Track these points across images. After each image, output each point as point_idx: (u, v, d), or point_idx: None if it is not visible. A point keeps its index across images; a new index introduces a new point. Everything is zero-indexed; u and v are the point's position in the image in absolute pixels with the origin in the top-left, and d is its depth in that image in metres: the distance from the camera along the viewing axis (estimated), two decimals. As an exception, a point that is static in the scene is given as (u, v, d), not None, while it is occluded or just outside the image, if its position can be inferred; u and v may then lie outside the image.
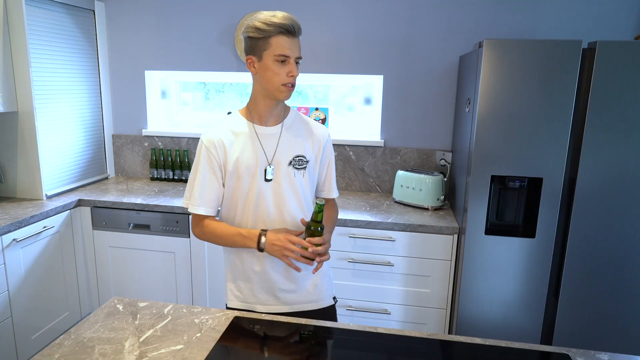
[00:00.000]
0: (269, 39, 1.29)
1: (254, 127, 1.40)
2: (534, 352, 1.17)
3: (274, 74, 1.31)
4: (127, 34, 3.01)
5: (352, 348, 1.17)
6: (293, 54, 1.31)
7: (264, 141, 1.39)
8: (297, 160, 1.41)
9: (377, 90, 2.88)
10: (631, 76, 1.87)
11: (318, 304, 1.49)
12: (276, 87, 1.33)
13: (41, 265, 2.37)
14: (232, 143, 1.38)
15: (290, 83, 1.33)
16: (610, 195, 1.98)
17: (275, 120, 1.42)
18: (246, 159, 1.37)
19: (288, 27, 1.29)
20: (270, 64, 1.30)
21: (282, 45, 1.29)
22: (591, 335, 2.11)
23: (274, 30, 1.28)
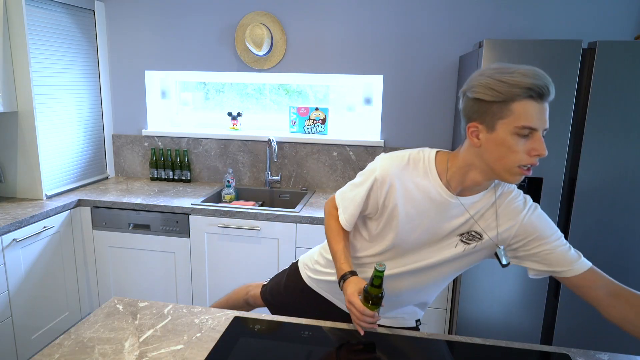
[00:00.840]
0: (510, 105, 0.98)
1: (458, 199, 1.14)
2: (534, 352, 1.17)
3: (509, 152, 1.00)
4: (127, 34, 3.01)
5: (352, 348, 1.17)
6: (542, 125, 0.99)
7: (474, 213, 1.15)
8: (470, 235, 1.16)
9: (377, 90, 2.88)
10: (631, 76, 1.87)
11: (396, 321, 1.39)
12: (508, 168, 1.02)
13: (41, 265, 2.37)
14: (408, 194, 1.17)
15: (533, 164, 1.01)
16: (610, 195, 1.98)
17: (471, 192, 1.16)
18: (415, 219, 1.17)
19: (541, 89, 0.96)
20: (509, 137, 0.99)
21: (529, 114, 0.97)
22: (591, 335, 2.11)
23: (521, 93, 0.97)
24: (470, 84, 1.04)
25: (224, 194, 2.82)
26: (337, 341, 1.20)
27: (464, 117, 1.08)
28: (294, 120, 2.99)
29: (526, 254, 1.16)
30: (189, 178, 3.06)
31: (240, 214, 2.41)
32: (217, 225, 2.44)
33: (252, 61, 2.86)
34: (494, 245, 1.17)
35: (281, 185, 3.00)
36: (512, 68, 0.99)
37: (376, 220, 1.24)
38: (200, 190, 2.85)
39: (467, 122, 1.07)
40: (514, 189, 1.18)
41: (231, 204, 2.60)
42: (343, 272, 1.21)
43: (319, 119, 2.95)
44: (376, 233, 1.25)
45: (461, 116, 1.09)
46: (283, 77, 2.96)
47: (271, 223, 2.39)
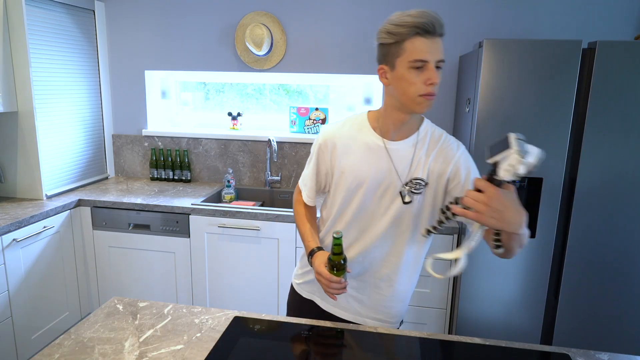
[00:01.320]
0: (402, 44, 1.10)
1: (383, 141, 1.25)
2: (534, 352, 1.17)
3: (409, 84, 1.12)
4: (127, 34, 3.01)
5: (352, 348, 1.17)
6: (433, 57, 1.10)
7: (395, 157, 1.24)
8: (414, 183, 1.24)
9: (377, 90, 2.88)
10: (631, 76, 1.87)
11: (381, 322, 1.38)
12: (412, 99, 1.14)
13: (41, 265, 2.37)
14: (347, 149, 1.27)
15: (429, 93, 1.12)
16: (610, 195, 1.98)
17: (405, 134, 1.25)
18: (360, 171, 1.25)
19: (426, 26, 1.08)
20: (406, 72, 1.11)
21: (418, 49, 1.09)
22: (591, 335, 2.11)
23: (409, 31, 1.08)
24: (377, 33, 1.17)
25: (224, 194, 2.82)
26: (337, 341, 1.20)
27: (377, 62, 1.21)
28: (294, 120, 2.99)
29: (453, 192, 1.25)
30: (189, 178, 3.06)
31: (240, 214, 2.41)
32: (217, 225, 2.44)
33: (252, 61, 2.86)
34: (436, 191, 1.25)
35: (281, 185, 3.00)
36: (405, 13, 1.11)
37: (333, 188, 1.33)
38: (200, 190, 2.85)
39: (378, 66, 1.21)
40: (444, 133, 1.29)
41: (231, 204, 2.60)
42: (310, 249, 1.31)
43: (319, 119, 2.95)
44: (337, 201, 1.31)
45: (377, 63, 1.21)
46: (283, 77, 2.96)
47: (271, 223, 2.39)
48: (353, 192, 1.27)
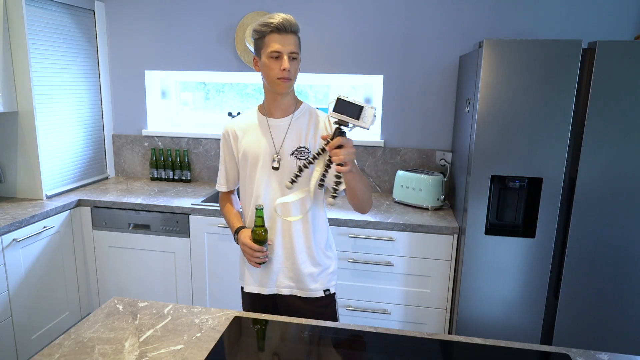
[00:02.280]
0: (264, 39, 1.40)
1: (266, 119, 1.51)
2: (534, 352, 1.17)
3: (269, 70, 1.41)
4: (127, 34, 3.01)
5: (352, 348, 1.17)
6: (285, 49, 1.38)
7: (274, 132, 1.50)
8: (299, 151, 1.48)
9: (377, 90, 2.88)
10: (631, 76, 1.87)
11: (303, 292, 1.55)
12: (272, 82, 1.42)
13: (41, 265, 2.37)
14: (244, 133, 1.53)
15: (284, 77, 1.39)
16: (610, 195, 1.98)
17: (284, 113, 1.51)
18: (254, 148, 1.50)
19: (278, 26, 1.37)
20: (266, 60, 1.40)
21: (274, 43, 1.38)
22: (591, 335, 2.11)
23: (267, 30, 1.39)
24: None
25: (224, 194, 2.81)
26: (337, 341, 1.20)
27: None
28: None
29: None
30: (189, 178, 3.06)
31: (240, 214, 2.41)
32: (217, 225, 2.44)
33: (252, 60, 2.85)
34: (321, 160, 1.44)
35: (281, 185, 3.00)
36: (269, 15, 1.39)
37: (242, 170, 1.55)
38: (201, 190, 2.85)
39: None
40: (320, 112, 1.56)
41: (231, 204, 2.60)
42: (235, 229, 1.56)
43: (319, 119, 2.94)
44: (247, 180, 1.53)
45: None
46: (283, 77, 2.95)
47: (271, 223, 2.39)
48: (255, 167, 1.50)
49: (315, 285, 1.55)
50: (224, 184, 1.66)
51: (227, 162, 1.62)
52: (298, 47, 1.43)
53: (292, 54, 1.40)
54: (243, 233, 1.51)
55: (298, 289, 1.55)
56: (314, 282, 1.55)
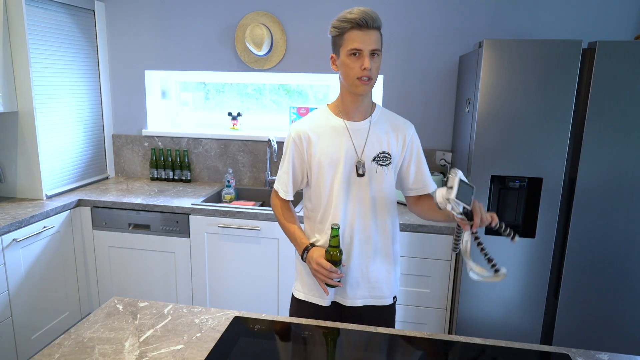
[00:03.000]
0: (343, 36, 1.31)
1: (344, 122, 1.42)
2: (534, 352, 1.17)
3: (348, 69, 1.32)
4: (127, 34, 3.01)
5: (352, 348, 1.17)
6: (366, 47, 1.29)
7: (354, 136, 1.41)
8: (381, 157, 1.41)
9: (377, 90, 2.87)
10: (631, 76, 1.87)
11: (377, 300, 1.49)
12: (352, 82, 1.33)
13: (41, 265, 2.37)
14: (319, 137, 1.42)
15: (365, 76, 1.31)
16: (610, 195, 1.98)
17: (362, 115, 1.43)
18: (334, 153, 1.40)
19: (359, 21, 1.29)
20: (346, 59, 1.32)
21: (353, 39, 1.29)
22: (591, 335, 2.11)
23: (347, 25, 1.30)
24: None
25: (224, 194, 2.82)
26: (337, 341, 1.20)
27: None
28: (294, 120, 2.99)
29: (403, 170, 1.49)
30: (189, 178, 3.06)
31: (240, 214, 2.41)
32: (217, 225, 2.44)
33: (252, 61, 2.86)
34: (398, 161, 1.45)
35: (281, 185, 3.00)
36: (348, 10, 1.31)
37: (314, 178, 1.44)
38: (200, 190, 2.85)
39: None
40: (397, 115, 1.50)
41: (231, 204, 2.60)
42: (304, 246, 1.43)
43: (319, 119, 2.94)
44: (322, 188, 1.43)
45: None
46: (283, 77, 2.96)
47: (271, 223, 2.39)
48: (333, 174, 1.40)
49: (388, 292, 1.50)
50: (290, 192, 1.49)
51: (296, 168, 1.46)
52: (380, 43, 1.33)
53: (374, 51, 1.31)
54: (315, 252, 1.38)
55: (372, 297, 1.48)
56: (388, 289, 1.50)
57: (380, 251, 1.47)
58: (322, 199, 1.44)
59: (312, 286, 1.49)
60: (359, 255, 1.45)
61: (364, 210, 1.43)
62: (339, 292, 1.48)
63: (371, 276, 1.47)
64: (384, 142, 1.42)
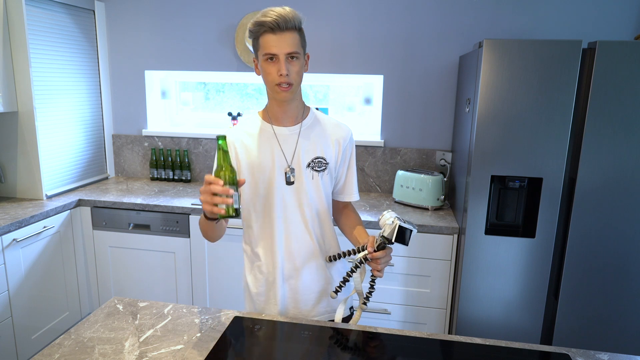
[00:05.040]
0: (258, 40, 1.23)
1: (272, 128, 1.34)
2: (534, 352, 1.17)
3: (266, 74, 1.24)
4: (127, 34, 3.01)
5: (352, 348, 1.17)
6: (280, 51, 1.20)
7: (283, 142, 1.33)
8: (316, 162, 1.34)
9: (377, 90, 2.88)
10: (631, 76, 1.87)
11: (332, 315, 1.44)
12: (272, 88, 1.26)
13: (41, 265, 2.37)
14: (248, 143, 1.34)
15: (284, 82, 1.22)
16: (610, 195, 1.98)
17: (293, 120, 1.35)
18: (262, 160, 1.32)
19: (271, 24, 1.18)
20: (263, 64, 1.24)
21: (268, 44, 1.20)
22: (591, 335, 2.11)
23: (260, 29, 1.21)
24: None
25: (224, 194, 2.81)
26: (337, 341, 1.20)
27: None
28: (294, 120, 2.99)
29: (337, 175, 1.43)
30: (189, 178, 3.06)
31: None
32: (217, 225, 2.44)
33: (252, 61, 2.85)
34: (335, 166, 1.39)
35: (281, 185, 3.00)
36: (266, 10, 1.21)
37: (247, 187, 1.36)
38: (200, 190, 2.85)
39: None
40: (333, 119, 1.43)
41: (231, 204, 2.59)
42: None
43: (319, 119, 2.94)
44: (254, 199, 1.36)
45: None
46: (283, 77, 2.95)
47: (271, 223, 2.39)
48: (264, 182, 1.33)
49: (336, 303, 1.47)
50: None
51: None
52: (299, 45, 1.23)
53: (292, 54, 1.21)
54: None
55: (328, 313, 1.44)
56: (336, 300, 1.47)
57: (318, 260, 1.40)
58: (255, 208, 1.36)
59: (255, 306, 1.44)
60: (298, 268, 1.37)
61: (300, 218, 1.35)
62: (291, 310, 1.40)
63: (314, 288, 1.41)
64: (318, 146, 1.35)
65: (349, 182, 1.46)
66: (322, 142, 1.36)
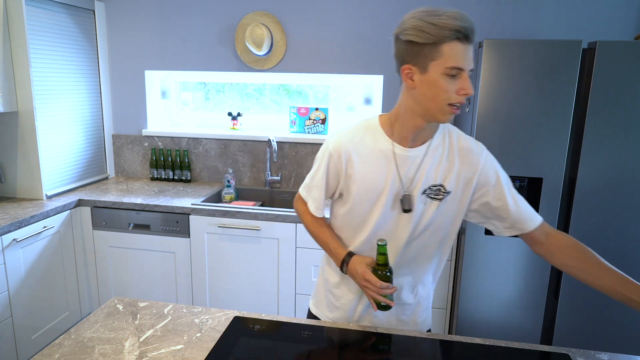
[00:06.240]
0: (439, 46, 1.01)
1: (393, 146, 1.17)
2: (534, 352, 1.17)
3: (440, 91, 1.05)
4: (127, 34, 3.01)
5: (352, 348, 1.17)
6: (468, 65, 1.05)
7: (402, 164, 1.17)
8: (433, 190, 1.17)
9: (377, 90, 2.88)
10: (631, 76, 1.87)
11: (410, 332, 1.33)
12: (440, 107, 1.07)
13: (41, 265, 2.37)
14: (361, 158, 1.19)
15: (460, 102, 1.07)
16: (610, 195, 1.98)
17: (420, 141, 1.17)
18: (376, 181, 1.18)
19: (465, 32, 1.01)
20: (439, 78, 1.04)
21: (455, 55, 1.02)
22: (591, 335, 2.11)
23: (449, 35, 1.00)
24: (402, 27, 1.07)
25: (224, 194, 2.82)
26: (337, 341, 1.20)
27: (398, 59, 1.10)
28: (294, 120, 2.99)
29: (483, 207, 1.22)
30: (189, 178, 3.06)
31: (240, 214, 2.41)
32: (217, 225, 2.44)
33: (252, 61, 2.86)
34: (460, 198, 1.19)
35: (281, 185, 3.00)
36: (440, 10, 1.02)
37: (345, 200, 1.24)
38: (200, 190, 2.85)
39: (400, 65, 1.10)
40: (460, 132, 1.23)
41: (231, 204, 2.60)
42: (342, 257, 1.23)
43: (319, 119, 2.95)
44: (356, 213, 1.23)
45: (395, 59, 1.12)
46: (283, 77, 2.96)
47: (271, 223, 2.39)
48: (372, 205, 1.19)
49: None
50: (322, 209, 1.30)
51: (330, 184, 1.25)
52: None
53: (471, 71, 1.07)
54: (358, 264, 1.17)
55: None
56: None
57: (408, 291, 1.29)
58: (356, 231, 1.24)
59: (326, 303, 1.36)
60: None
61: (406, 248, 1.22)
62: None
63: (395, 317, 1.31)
64: (440, 172, 1.17)
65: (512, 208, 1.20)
66: (447, 166, 1.18)
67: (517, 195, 1.22)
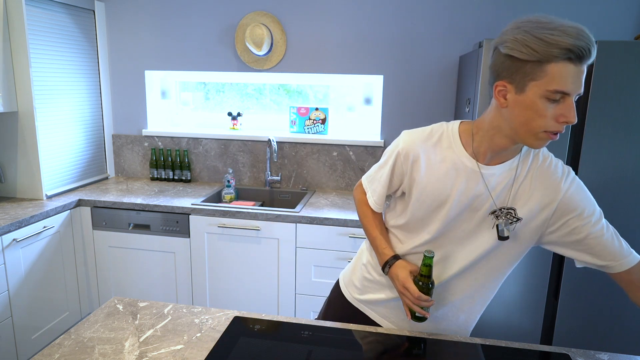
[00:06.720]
0: (544, 65, 0.89)
1: (477, 164, 1.08)
2: (534, 352, 1.17)
3: (537, 115, 0.92)
4: (127, 34, 3.01)
5: (353, 348, 1.17)
6: (576, 90, 0.90)
7: (493, 185, 1.07)
8: (503, 212, 1.07)
9: (377, 90, 2.88)
10: (631, 76, 1.87)
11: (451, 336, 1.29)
12: (534, 133, 0.95)
13: (41, 265, 2.37)
14: (429, 163, 1.11)
15: (559, 132, 0.93)
16: (610, 195, 1.98)
17: (500, 159, 1.07)
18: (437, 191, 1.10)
19: (580, 52, 0.87)
20: (537, 100, 0.91)
21: (563, 77, 0.88)
22: (591, 335, 2.11)
23: (559, 54, 0.87)
24: (504, 37, 0.95)
25: (224, 194, 2.82)
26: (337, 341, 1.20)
27: (493, 73, 0.98)
28: (294, 120, 2.99)
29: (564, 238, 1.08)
30: (189, 178, 3.06)
31: (240, 214, 2.41)
32: (217, 225, 2.44)
33: (252, 61, 2.86)
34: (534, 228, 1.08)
35: (281, 185, 3.00)
36: (553, 23, 0.89)
37: (406, 201, 1.18)
38: (200, 190, 2.85)
39: (495, 80, 0.98)
40: (548, 154, 1.09)
41: (231, 204, 2.60)
42: (387, 258, 1.20)
43: (319, 119, 2.95)
44: (414, 216, 1.17)
45: (490, 71, 1.00)
46: (283, 77, 2.96)
47: (271, 223, 2.39)
48: (429, 213, 1.14)
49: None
50: (382, 206, 1.25)
51: (393, 183, 1.20)
52: None
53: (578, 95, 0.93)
54: (401, 269, 1.15)
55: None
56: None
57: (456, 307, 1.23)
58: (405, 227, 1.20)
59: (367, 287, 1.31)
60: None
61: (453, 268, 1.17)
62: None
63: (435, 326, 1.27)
64: (511, 196, 1.07)
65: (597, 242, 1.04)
66: (518, 190, 1.08)
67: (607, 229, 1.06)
